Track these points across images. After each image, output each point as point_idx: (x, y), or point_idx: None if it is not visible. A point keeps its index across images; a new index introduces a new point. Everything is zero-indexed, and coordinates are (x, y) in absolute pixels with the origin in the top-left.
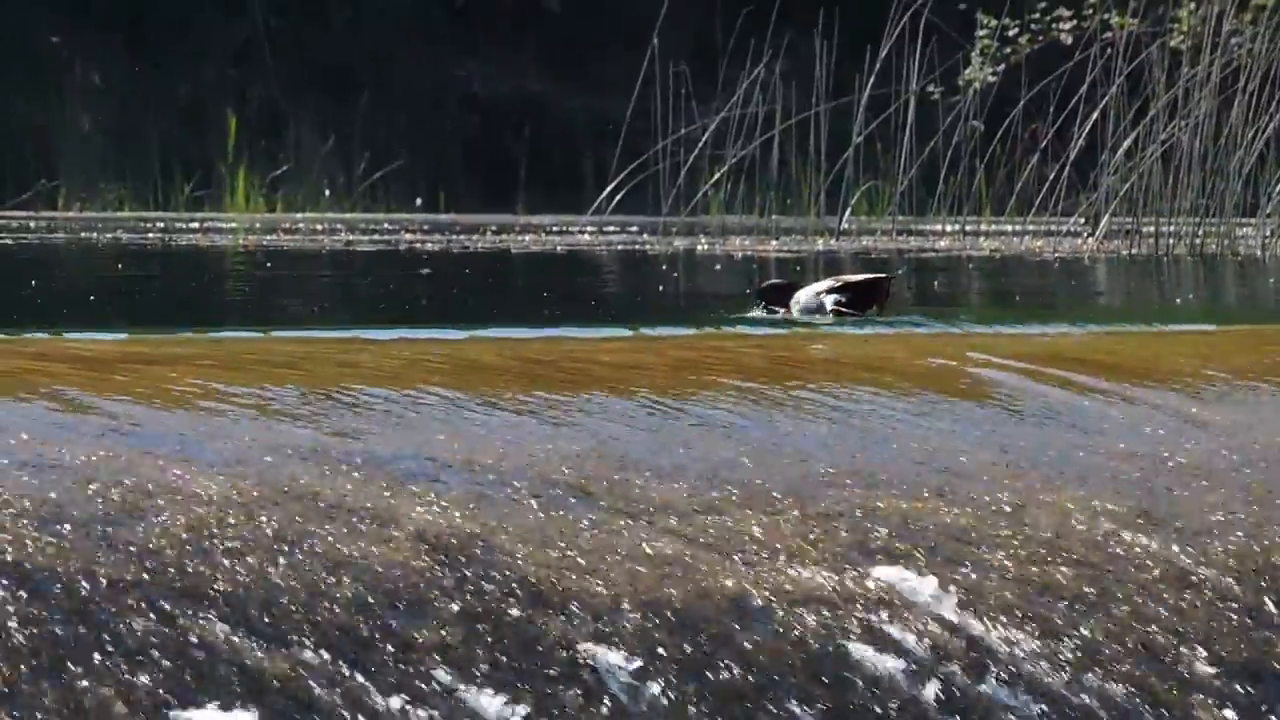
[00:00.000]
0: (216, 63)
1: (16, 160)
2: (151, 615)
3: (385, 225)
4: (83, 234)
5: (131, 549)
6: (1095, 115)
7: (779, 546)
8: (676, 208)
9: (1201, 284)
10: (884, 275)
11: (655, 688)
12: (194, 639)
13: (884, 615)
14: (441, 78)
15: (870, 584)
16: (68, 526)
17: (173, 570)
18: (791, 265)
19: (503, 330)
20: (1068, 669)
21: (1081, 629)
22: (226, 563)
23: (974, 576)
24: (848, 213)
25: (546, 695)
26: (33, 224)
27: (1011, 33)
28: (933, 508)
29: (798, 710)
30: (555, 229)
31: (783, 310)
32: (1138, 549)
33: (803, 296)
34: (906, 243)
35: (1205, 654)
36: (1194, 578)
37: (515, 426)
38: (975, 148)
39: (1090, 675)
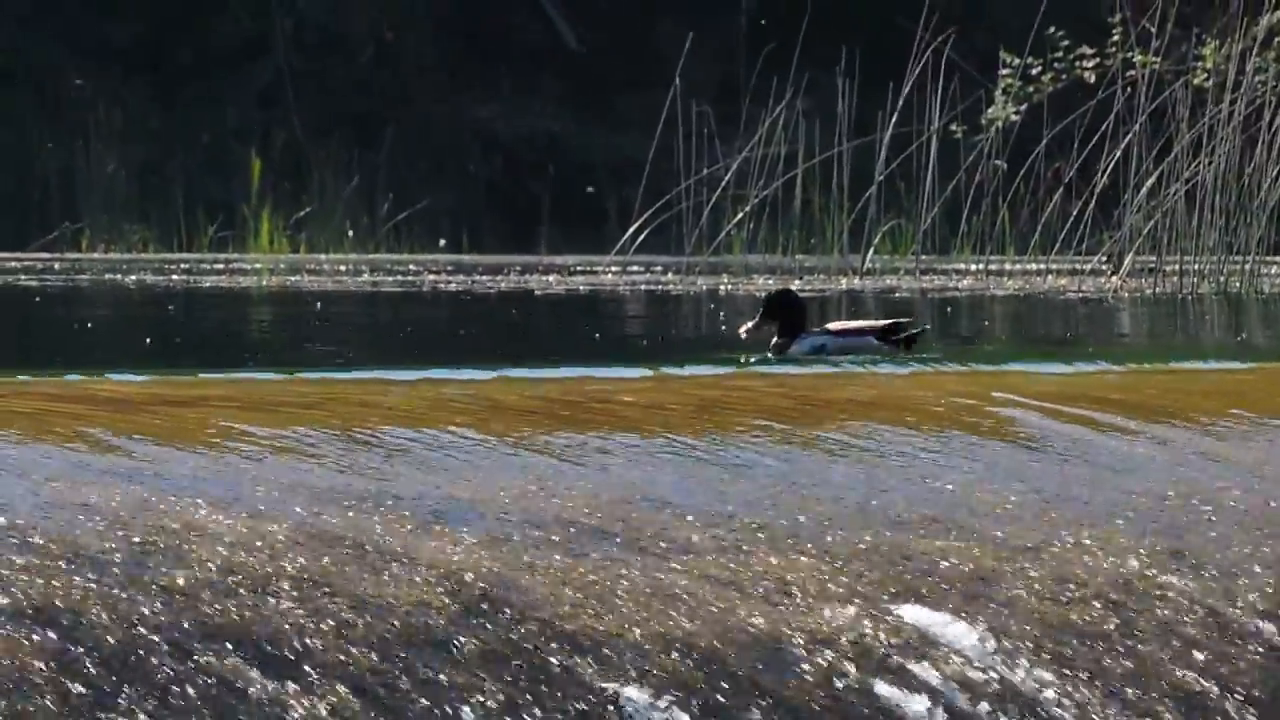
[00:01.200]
0: (240, 105)
1: (41, 202)
2: (176, 656)
3: (410, 266)
4: (107, 276)
5: (156, 590)
6: (1118, 153)
7: (804, 586)
8: (699, 247)
9: (1226, 323)
10: (900, 320)
11: None
12: (218, 679)
13: (909, 654)
14: (464, 119)
15: (895, 623)
16: (93, 568)
17: (197, 611)
18: (815, 305)
19: (526, 371)
20: (1093, 709)
21: (1107, 668)
22: (251, 603)
23: (999, 615)
24: (871, 252)
25: None
26: (57, 266)
27: (1034, 71)
28: (957, 547)
29: None
30: (579, 269)
31: (777, 338)
32: (1163, 588)
33: (811, 338)
34: (930, 282)
35: (1232, 693)
36: (1221, 617)
37: (539, 467)
38: (998, 186)
39: (1116, 715)
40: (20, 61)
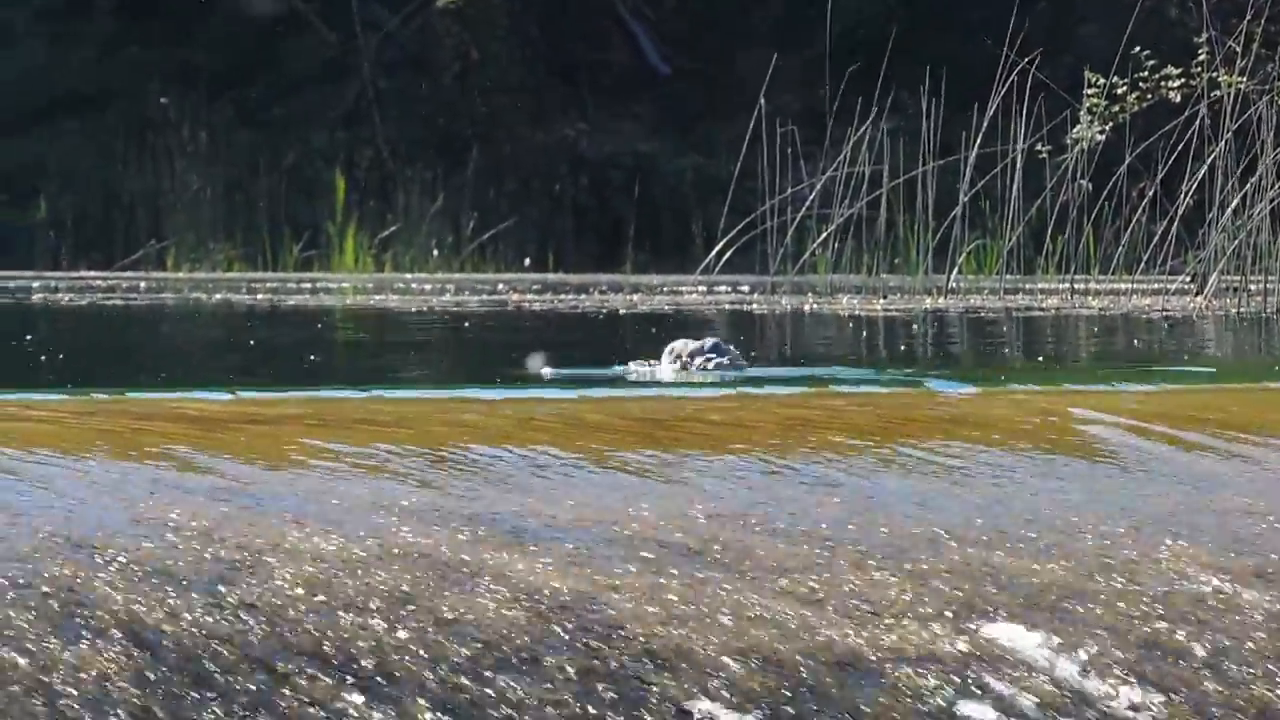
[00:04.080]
0: (325, 124)
1: (126, 221)
2: (264, 675)
3: (500, 285)
4: (192, 295)
5: (243, 608)
6: (1203, 173)
7: (889, 604)
8: (784, 267)
9: None
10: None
11: None
12: (307, 699)
13: (994, 673)
14: (550, 138)
15: (980, 641)
16: (179, 586)
17: (285, 630)
18: (900, 324)
19: (611, 390)
20: None
21: (1194, 688)
22: (339, 622)
23: (1085, 634)
24: (955, 271)
25: None
26: (142, 284)
27: (1119, 91)
28: (1042, 565)
29: None
30: (664, 289)
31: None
32: (1250, 606)
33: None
34: (1014, 301)
35: None
36: None
37: (625, 485)
38: (1083, 206)
39: None
40: (106, 84)
